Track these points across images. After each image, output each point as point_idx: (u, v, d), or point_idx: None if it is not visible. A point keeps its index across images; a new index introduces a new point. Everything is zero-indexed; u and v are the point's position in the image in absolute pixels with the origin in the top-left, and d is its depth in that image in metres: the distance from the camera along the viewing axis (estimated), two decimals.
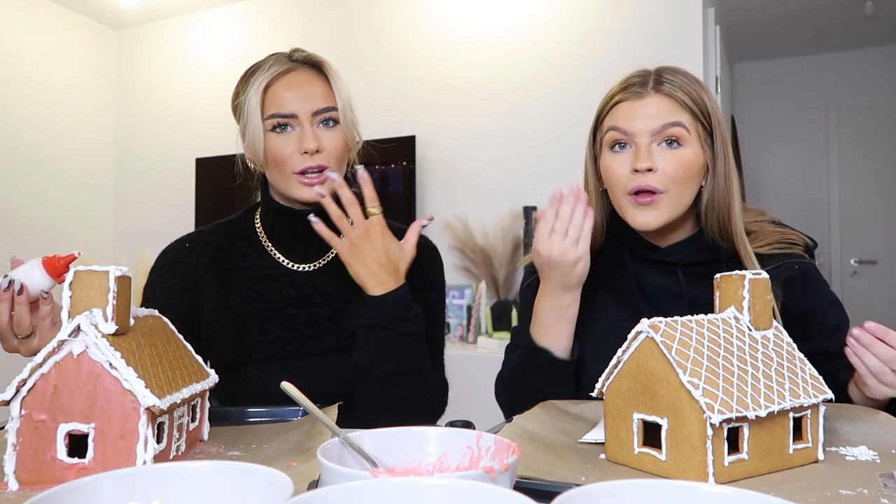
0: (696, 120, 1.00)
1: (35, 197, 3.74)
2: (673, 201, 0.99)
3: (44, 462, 0.63)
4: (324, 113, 1.07)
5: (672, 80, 1.00)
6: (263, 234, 1.16)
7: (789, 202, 4.86)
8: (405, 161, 3.23)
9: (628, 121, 0.99)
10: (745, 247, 1.01)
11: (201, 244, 1.16)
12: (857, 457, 0.69)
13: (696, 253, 1.04)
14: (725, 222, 1.02)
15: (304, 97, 1.06)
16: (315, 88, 1.08)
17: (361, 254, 1.01)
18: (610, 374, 0.72)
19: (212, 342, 1.09)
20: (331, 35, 3.62)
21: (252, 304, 1.10)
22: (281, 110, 1.06)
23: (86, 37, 4.09)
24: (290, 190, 1.07)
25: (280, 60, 1.10)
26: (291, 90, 1.07)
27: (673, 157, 0.98)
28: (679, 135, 0.98)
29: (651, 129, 0.98)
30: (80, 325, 0.64)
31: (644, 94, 1.00)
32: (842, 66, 4.82)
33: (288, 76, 1.08)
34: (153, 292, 1.13)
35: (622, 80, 1.04)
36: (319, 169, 1.06)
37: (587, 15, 3.14)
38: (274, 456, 0.71)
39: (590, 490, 0.41)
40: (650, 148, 0.98)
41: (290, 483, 0.43)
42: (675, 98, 0.99)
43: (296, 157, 1.06)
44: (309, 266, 1.14)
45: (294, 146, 1.06)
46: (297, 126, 1.06)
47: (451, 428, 0.61)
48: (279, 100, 1.06)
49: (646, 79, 1.02)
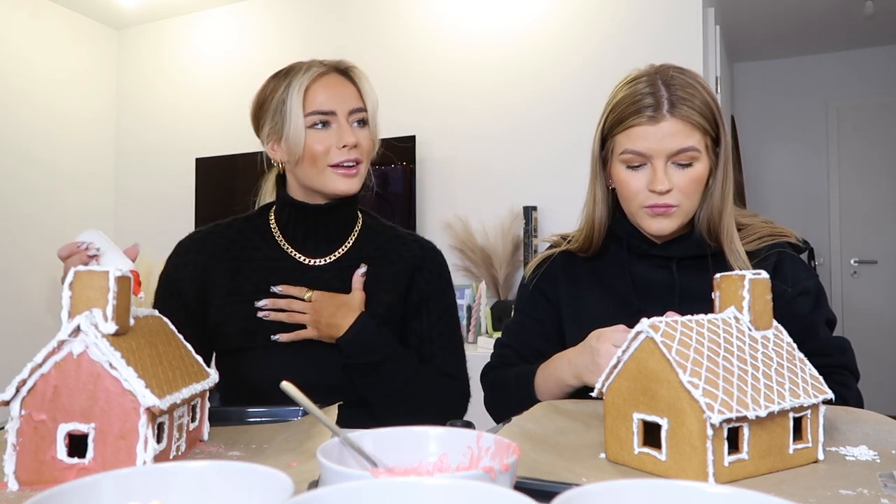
0: (705, 135, 1.03)
1: (35, 197, 3.74)
2: (685, 211, 1.06)
3: (44, 462, 0.63)
4: (357, 113, 1.16)
5: (685, 101, 1.01)
6: (277, 229, 1.22)
7: (789, 202, 4.86)
8: (405, 161, 3.23)
9: (645, 144, 1.02)
10: (730, 243, 1.07)
11: (216, 235, 1.22)
12: (857, 457, 0.69)
13: (688, 249, 1.10)
14: (716, 224, 1.07)
15: (341, 97, 1.15)
16: (349, 90, 1.17)
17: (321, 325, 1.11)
18: (610, 373, 0.72)
19: (220, 328, 1.15)
20: (331, 35, 3.62)
21: (261, 293, 1.14)
22: (321, 108, 1.13)
23: (86, 37, 4.09)
24: (325, 182, 1.14)
25: (315, 64, 1.17)
26: (329, 90, 1.14)
27: (685, 175, 1.03)
28: (692, 157, 1.03)
29: (667, 152, 1.02)
30: (80, 325, 0.63)
31: (659, 117, 1.01)
32: (842, 66, 4.82)
33: (325, 78, 1.16)
34: (166, 278, 1.21)
35: (630, 93, 1.04)
36: (355, 162, 1.14)
37: (587, 15, 3.14)
38: (274, 456, 0.71)
39: (590, 490, 0.41)
40: (666, 168, 1.02)
41: (290, 483, 0.43)
42: (690, 121, 1.01)
43: (333, 151, 1.13)
44: (320, 261, 1.19)
45: (332, 141, 1.13)
46: (334, 123, 1.14)
47: (451, 428, 0.61)
48: (319, 99, 1.14)
49: (659, 99, 1.01)
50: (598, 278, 1.15)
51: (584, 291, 1.15)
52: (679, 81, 1.03)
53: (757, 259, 1.07)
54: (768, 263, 1.06)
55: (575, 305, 1.15)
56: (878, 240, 4.70)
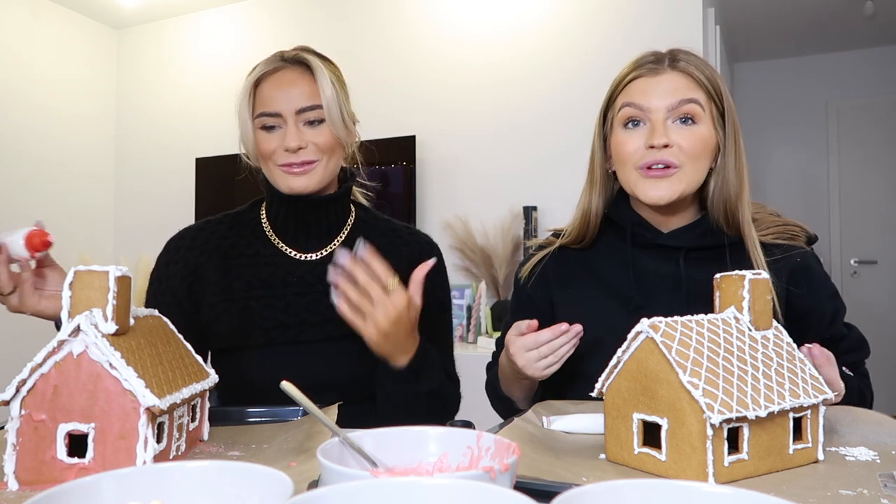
0: (710, 99, 1.00)
1: (35, 197, 3.74)
2: (686, 176, 0.98)
3: (44, 462, 0.63)
4: (308, 111, 1.09)
5: (687, 59, 1.01)
6: (268, 224, 1.19)
7: (789, 202, 4.86)
8: (405, 161, 3.23)
9: (644, 97, 0.99)
10: (750, 232, 1.01)
11: (206, 232, 1.19)
12: (857, 457, 0.69)
13: (698, 238, 1.04)
14: (733, 207, 1.01)
15: (288, 97, 1.08)
16: (300, 87, 1.09)
17: (391, 338, 0.96)
18: (610, 373, 0.72)
19: (212, 326, 1.12)
20: (331, 35, 3.62)
21: (255, 290, 1.12)
22: (267, 109, 1.09)
23: (86, 37, 4.09)
24: (279, 182, 1.11)
25: (271, 60, 1.13)
26: (277, 89, 1.09)
27: (689, 133, 0.98)
28: (694, 112, 0.98)
29: (667, 105, 0.98)
30: (79, 325, 0.63)
31: (660, 70, 1.00)
32: (842, 66, 4.82)
33: (276, 75, 1.11)
34: (157, 276, 1.18)
35: (635, 60, 1.04)
36: (304, 163, 1.08)
37: (587, 15, 3.14)
38: (274, 456, 0.71)
39: (590, 490, 0.41)
40: (665, 124, 0.98)
41: (290, 483, 0.43)
42: (691, 75, 0.99)
43: (280, 153, 1.09)
44: (312, 255, 1.17)
45: (278, 143, 1.09)
46: (282, 124, 1.09)
47: (451, 428, 0.61)
48: (266, 99, 1.09)
49: (661, 57, 1.02)
50: (595, 274, 1.09)
51: (580, 290, 1.09)
52: (683, 50, 1.03)
53: (773, 256, 1.00)
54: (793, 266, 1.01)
55: (571, 306, 1.09)
56: (878, 240, 4.70)
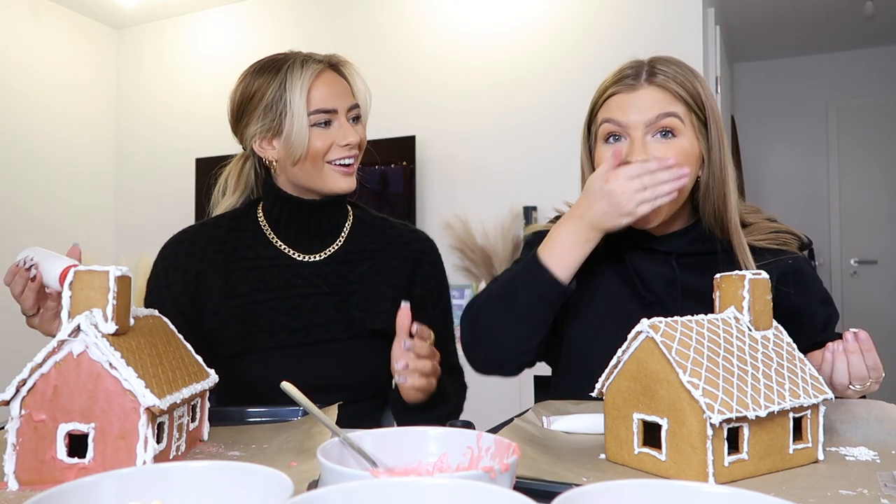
0: (690, 111, 0.99)
1: (35, 197, 3.74)
2: None
3: (44, 462, 0.63)
4: (354, 109, 1.14)
5: (665, 71, 1.00)
6: (268, 226, 1.18)
7: (789, 202, 4.86)
8: (405, 161, 3.23)
9: (622, 112, 0.99)
10: (739, 237, 1.01)
11: (204, 236, 1.17)
12: (857, 457, 0.69)
13: (690, 244, 1.04)
14: (721, 212, 1.01)
15: (341, 94, 1.12)
16: (344, 86, 1.14)
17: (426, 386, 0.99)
18: (610, 373, 0.72)
19: (217, 332, 1.11)
20: (331, 35, 3.62)
21: (258, 293, 1.12)
22: (324, 106, 1.10)
23: (86, 37, 4.09)
24: (325, 181, 1.12)
25: (311, 59, 1.12)
26: (329, 87, 1.11)
27: (668, 146, 0.97)
28: (673, 125, 0.98)
29: (645, 121, 0.97)
30: (80, 325, 0.63)
31: (637, 85, 1.00)
32: (842, 66, 4.82)
33: (324, 75, 1.12)
34: (156, 284, 1.15)
35: (615, 72, 1.04)
36: (353, 159, 1.13)
37: (587, 15, 3.15)
38: (274, 456, 0.71)
39: (590, 490, 0.41)
40: (644, 140, 0.97)
41: (290, 483, 0.43)
42: (668, 89, 0.99)
43: (334, 149, 1.11)
44: (315, 256, 1.16)
45: (333, 139, 1.11)
46: (336, 121, 1.12)
47: (451, 428, 0.61)
48: (321, 97, 1.10)
49: (639, 70, 1.01)
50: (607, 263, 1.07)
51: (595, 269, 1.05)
52: (663, 60, 1.02)
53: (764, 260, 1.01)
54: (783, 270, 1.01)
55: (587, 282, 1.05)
56: (878, 240, 4.70)
